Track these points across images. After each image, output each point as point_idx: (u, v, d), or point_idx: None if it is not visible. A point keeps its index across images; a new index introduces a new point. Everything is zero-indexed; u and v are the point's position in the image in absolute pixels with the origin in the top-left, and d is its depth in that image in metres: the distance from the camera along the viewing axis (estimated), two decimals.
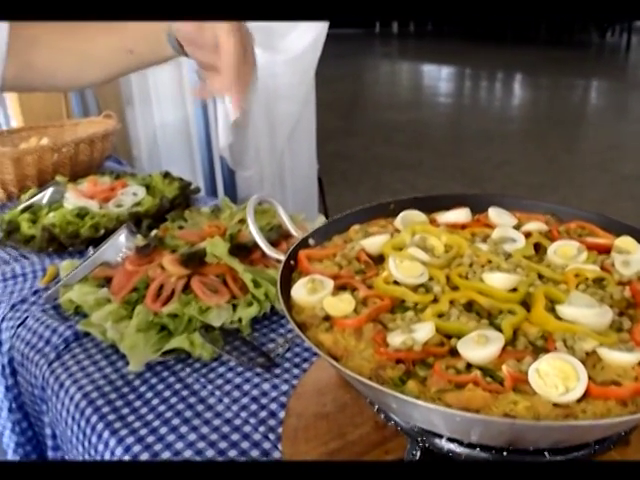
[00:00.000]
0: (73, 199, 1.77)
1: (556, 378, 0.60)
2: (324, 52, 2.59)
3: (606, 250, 0.90)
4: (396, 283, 0.80)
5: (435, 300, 0.77)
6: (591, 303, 0.73)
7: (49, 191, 1.84)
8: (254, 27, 2.45)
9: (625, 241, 0.89)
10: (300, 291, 0.79)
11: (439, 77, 11.56)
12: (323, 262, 0.88)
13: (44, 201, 1.82)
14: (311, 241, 0.94)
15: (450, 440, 0.69)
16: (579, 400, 0.60)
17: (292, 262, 0.88)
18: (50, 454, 1.25)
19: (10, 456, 1.42)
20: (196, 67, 0.92)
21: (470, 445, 0.68)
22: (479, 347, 0.65)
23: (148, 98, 3.37)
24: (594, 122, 8.19)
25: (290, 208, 2.93)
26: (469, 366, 0.66)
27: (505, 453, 0.67)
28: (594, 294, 0.77)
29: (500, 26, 14.27)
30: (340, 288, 0.81)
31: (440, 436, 0.69)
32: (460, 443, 0.68)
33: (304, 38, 2.51)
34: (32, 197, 1.85)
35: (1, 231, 1.74)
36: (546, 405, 0.59)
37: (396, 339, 0.68)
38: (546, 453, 0.67)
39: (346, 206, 1.18)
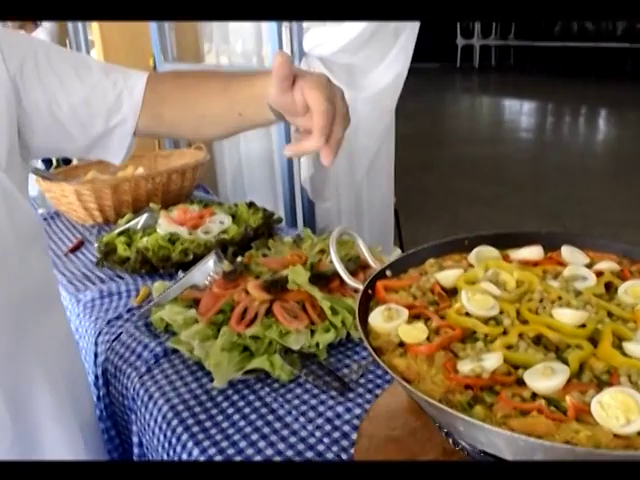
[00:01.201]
0: (165, 225, 1.90)
1: (618, 410, 0.64)
2: (404, 86, 2.66)
3: None
4: (467, 315, 0.85)
5: (505, 332, 0.81)
6: None
7: (143, 217, 1.98)
8: (339, 66, 2.56)
9: None
10: (377, 318, 0.85)
11: (520, 112, 11.43)
12: (399, 292, 0.94)
13: (139, 226, 1.96)
14: (388, 272, 1.00)
15: None
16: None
17: (370, 291, 0.94)
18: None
19: None
20: (293, 128, 0.99)
21: None
22: (545, 378, 0.69)
23: None
24: None
25: (367, 240, 2.98)
26: (534, 396, 0.70)
27: None
28: None
29: (585, 60, 13.99)
30: (414, 317, 0.87)
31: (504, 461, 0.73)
32: None
33: (385, 76, 2.59)
34: (128, 222, 2.00)
35: (99, 252, 1.88)
36: (607, 435, 0.62)
37: (466, 367, 0.73)
38: None
39: (421, 240, 1.23)
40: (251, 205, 2.08)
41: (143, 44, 3.49)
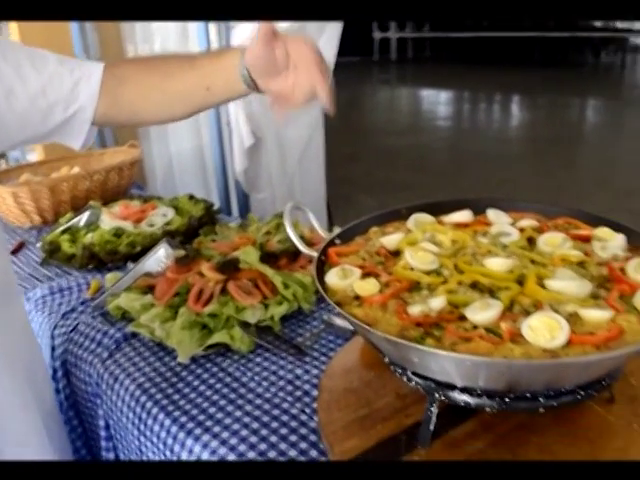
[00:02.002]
0: (108, 221, 1.94)
1: (544, 330, 0.76)
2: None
3: (587, 239, 1.06)
4: (413, 270, 0.96)
5: (445, 282, 0.93)
6: (573, 276, 0.89)
7: (86, 214, 2.01)
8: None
9: (603, 231, 1.06)
10: (333, 278, 0.96)
11: (438, 101, 11.81)
12: (349, 257, 1.05)
13: (81, 223, 1.99)
14: (337, 241, 1.10)
15: (462, 391, 0.84)
16: (563, 347, 0.76)
17: (323, 258, 1.04)
18: (103, 444, 1.40)
19: None
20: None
21: (478, 395, 0.83)
22: (482, 311, 0.82)
23: (163, 128, 3.55)
24: (591, 140, 8.40)
25: None
26: (475, 327, 0.82)
27: (507, 400, 0.82)
28: (577, 272, 0.93)
29: (497, 49, 14.60)
30: (366, 275, 0.98)
31: (453, 388, 0.85)
32: (470, 393, 0.84)
33: None
34: (70, 220, 2.02)
35: (44, 251, 1.90)
36: (537, 350, 0.75)
37: (415, 309, 0.84)
38: (540, 399, 0.82)
39: None
40: (191, 197, 2.15)
41: (63, 44, 3.43)
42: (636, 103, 10.57)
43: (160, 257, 1.53)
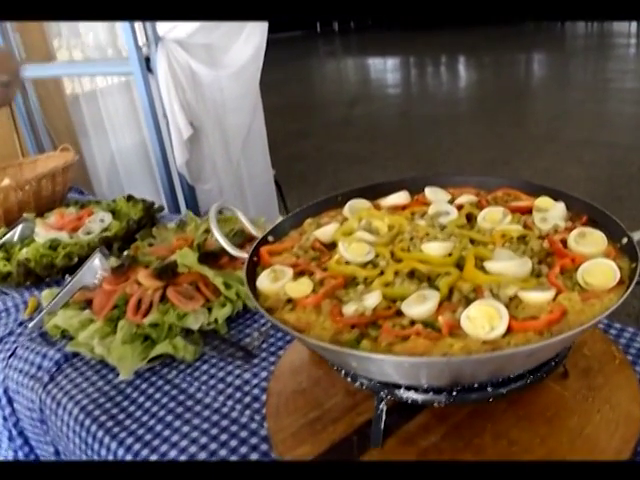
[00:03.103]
0: (43, 233, 1.84)
1: (483, 320, 0.72)
2: (268, 58, 2.69)
3: (528, 210, 1.02)
4: (347, 264, 0.91)
5: (382, 273, 0.88)
6: (512, 256, 0.85)
7: (19, 228, 1.91)
8: (197, 46, 2.55)
9: (543, 200, 1.02)
10: (264, 281, 0.90)
11: (385, 69, 11.76)
12: (282, 255, 0.99)
13: (15, 238, 1.89)
14: (270, 238, 1.04)
15: (407, 389, 0.80)
16: (503, 336, 0.72)
17: (255, 259, 0.99)
18: None
19: None
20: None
21: (424, 391, 0.79)
22: (419, 305, 0.77)
23: (102, 126, 3.44)
24: (538, 94, 8.46)
25: (252, 213, 3.04)
26: (413, 323, 0.77)
27: (454, 393, 0.78)
28: (517, 249, 0.89)
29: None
30: (299, 274, 0.92)
31: (399, 387, 0.80)
32: (416, 390, 0.79)
33: (244, 51, 2.61)
34: (2, 236, 1.92)
35: None
36: (476, 343, 0.71)
37: (350, 309, 0.79)
38: (489, 388, 0.78)
39: None
40: (130, 198, 2.06)
41: None
42: (578, 54, 10.67)
43: (95, 268, 1.45)
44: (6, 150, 3.18)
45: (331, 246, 1.00)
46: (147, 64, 2.57)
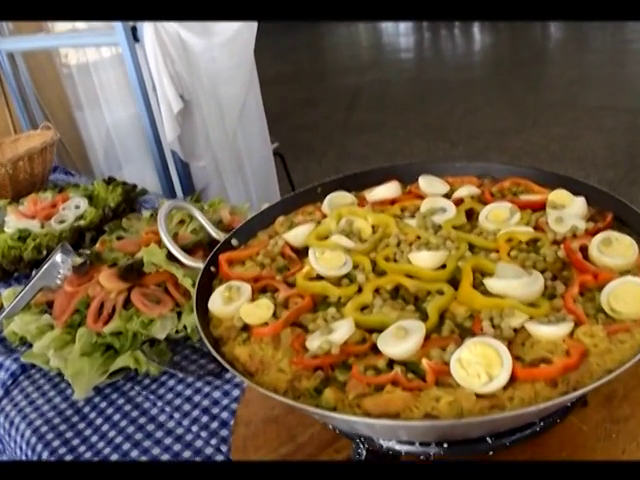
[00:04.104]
0: (13, 222, 1.70)
1: (479, 366, 0.56)
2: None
3: (541, 206, 0.85)
4: (319, 278, 0.75)
5: (360, 290, 0.72)
6: (519, 273, 0.68)
7: None
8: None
9: (559, 194, 0.85)
10: (216, 301, 0.74)
11: (397, 33, 11.39)
12: (245, 263, 0.83)
13: None
14: (234, 241, 0.88)
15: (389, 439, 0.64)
16: (505, 387, 0.56)
17: (213, 269, 0.83)
18: None
19: None
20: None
21: (408, 442, 0.63)
22: (399, 341, 0.61)
23: (96, 100, 3.29)
24: (555, 58, 8.12)
25: (251, 190, 2.88)
26: (391, 363, 0.61)
27: (445, 445, 0.62)
28: (526, 259, 0.72)
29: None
30: (261, 291, 0.76)
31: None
32: (398, 441, 0.64)
33: None
34: None
35: None
36: (469, 398, 0.54)
37: (314, 342, 0.63)
38: (488, 439, 0.62)
39: (313, 179, 1.11)
40: (110, 181, 1.90)
41: None
42: None
43: (57, 267, 1.30)
44: None
45: (304, 252, 0.84)
46: (134, 34, 2.39)
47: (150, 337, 1.11)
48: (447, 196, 0.91)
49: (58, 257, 1.31)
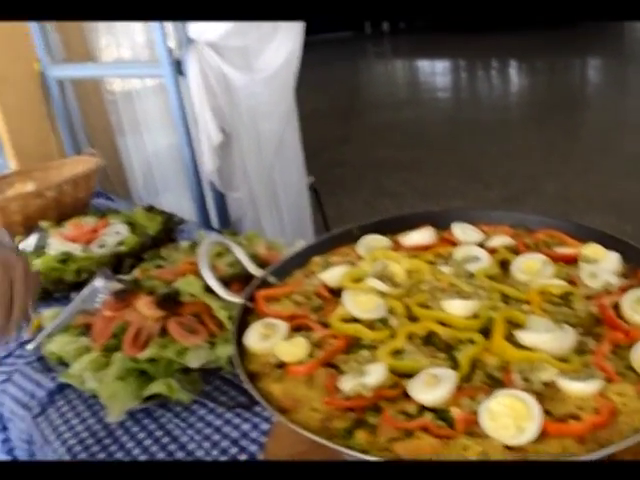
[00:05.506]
0: (56, 244, 1.76)
1: (508, 418, 0.57)
2: (313, 59, 2.57)
3: (575, 260, 0.86)
4: (353, 320, 0.77)
5: (393, 335, 0.74)
6: (551, 327, 0.69)
7: (34, 238, 1.83)
8: (230, 49, 2.45)
9: (593, 249, 0.86)
10: (252, 337, 0.77)
11: (434, 72, 11.50)
12: (281, 301, 0.86)
13: (30, 248, 1.81)
14: (271, 279, 0.91)
15: None
16: (534, 441, 0.57)
17: (250, 304, 0.86)
18: None
19: None
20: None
21: None
22: (430, 388, 0.63)
23: (138, 127, 3.38)
24: (594, 102, 8.10)
25: (285, 224, 2.92)
26: (422, 410, 0.63)
27: None
28: (559, 313, 0.74)
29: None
30: (296, 329, 0.79)
31: None
32: None
33: (278, 54, 2.49)
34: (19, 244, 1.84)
35: None
36: (497, 449, 0.56)
37: (347, 384, 0.65)
38: None
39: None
40: (150, 209, 1.96)
41: (23, 47, 3.21)
42: (638, 59, 10.23)
43: (97, 291, 1.34)
44: (43, 150, 3.14)
45: (338, 292, 0.86)
46: (179, 67, 2.48)
47: (183, 366, 1.14)
48: (480, 245, 0.93)
49: (99, 282, 1.35)
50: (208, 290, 1.23)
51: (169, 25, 2.41)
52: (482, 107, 8.26)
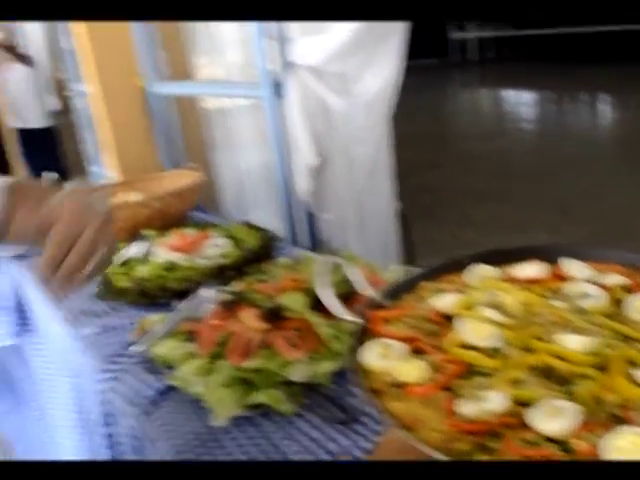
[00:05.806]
0: (162, 252, 1.86)
1: (630, 455, 0.59)
2: (404, 86, 2.61)
3: None
4: (469, 347, 0.80)
5: (508, 364, 0.76)
6: None
7: (139, 245, 1.94)
8: (329, 74, 2.52)
9: None
10: (370, 356, 0.81)
11: (520, 102, 11.34)
12: (394, 323, 0.89)
13: (135, 255, 1.92)
14: (385, 301, 0.95)
15: None
16: None
17: (364, 323, 0.90)
18: None
19: None
20: None
21: None
22: (551, 419, 0.65)
23: (230, 145, 3.49)
24: None
25: (371, 248, 2.95)
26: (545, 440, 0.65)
27: None
28: None
29: (583, 45, 13.82)
30: (414, 352, 0.82)
31: None
32: None
33: (377, 80, 2.54)
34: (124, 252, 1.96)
35: (100, 284, 1.84)
36: None
37: (467, 408, 0.68)
38: None
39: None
40: (248, 225, 2.04)
41: (128, 63, 3.33)
42: None
43: (204, 300, 1.43)
44: (143, 163, 3.30)
45: (450, 318, 0.90)
46: (278, 89, 2.57)
47: (285, 379, 1.20)
48: (592, 281, 0.94)
49: (205, 291, 1.44)
50: (314, 307, 1.29)
51: (269, 47, 2.51)
52: (572, 140, 8.07)
